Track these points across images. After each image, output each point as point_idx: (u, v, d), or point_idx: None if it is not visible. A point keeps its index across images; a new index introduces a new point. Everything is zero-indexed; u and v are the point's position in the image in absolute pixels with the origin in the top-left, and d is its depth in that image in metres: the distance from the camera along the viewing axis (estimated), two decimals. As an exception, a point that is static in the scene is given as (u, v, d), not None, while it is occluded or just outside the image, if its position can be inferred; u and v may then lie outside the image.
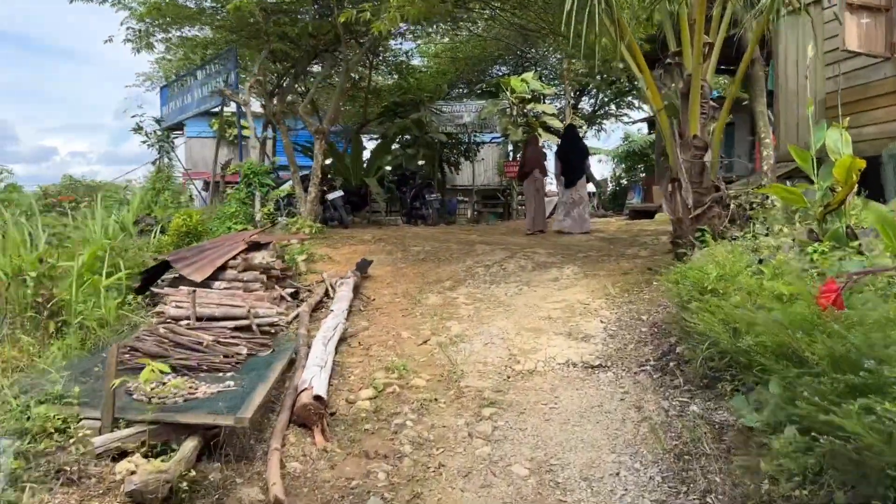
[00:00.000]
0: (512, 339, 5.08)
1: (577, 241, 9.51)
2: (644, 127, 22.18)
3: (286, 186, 11.71)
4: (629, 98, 27.24)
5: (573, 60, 16.12)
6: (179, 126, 24.56)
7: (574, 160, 10.87)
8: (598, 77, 24.90)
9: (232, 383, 4.03)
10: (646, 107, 29.57)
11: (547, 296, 6.11)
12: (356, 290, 6.78)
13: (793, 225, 4.75)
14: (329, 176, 13.41)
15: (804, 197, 4.48)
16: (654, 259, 7.29)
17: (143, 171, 22.59)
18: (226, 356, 4.44)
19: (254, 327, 5.08)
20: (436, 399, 4.23)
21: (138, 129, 14.29)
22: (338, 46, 10.46)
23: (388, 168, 14.67)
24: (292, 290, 6.31)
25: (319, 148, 10.19)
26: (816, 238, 4.14)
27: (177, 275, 5.90)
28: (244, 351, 4.60)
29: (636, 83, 22.11)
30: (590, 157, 11.38)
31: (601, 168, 36.00)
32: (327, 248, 9.67)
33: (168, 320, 4.95)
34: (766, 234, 4.80)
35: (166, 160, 14.82)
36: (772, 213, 5.39)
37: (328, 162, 13.89)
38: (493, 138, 26.83)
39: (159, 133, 14.47)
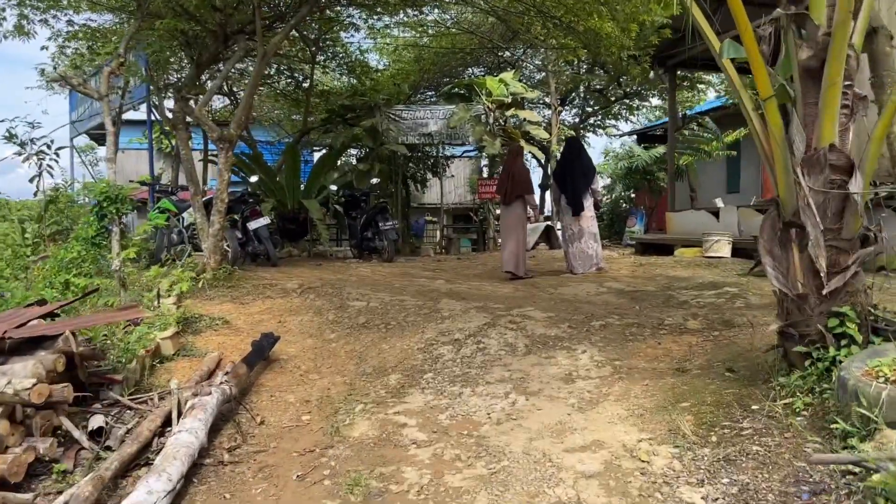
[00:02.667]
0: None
1: (585, 295, 7.03)
2: (630, 140, 19.95)
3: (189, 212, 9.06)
4: (616, 108, 25.27)
5: (562, 61, 13.81)
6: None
7: (578, 181, 8.51)
8: (583, 86, 22.85)
9: None
10: (635, 118, 27.61)
11: (563, 428, 3.57)
12: (236, 401, 4.17)
13: None
14: (252, 198, 10.78)
15: None
16: (719, 341, 4.82)
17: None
18: None
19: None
20: None
21: (10, 137, 11.43)
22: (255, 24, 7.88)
23: (334, 188, 12.05)
24: (104, 419, 3.64)
25: (224, 162, 7.57)
26: None
27: None
28: None
29: (637, 88, 19.95)
30: (598, 176, 8.95)
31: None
32: (230, 304, 7.04)
33: None
34: None
35: (69, 176, 12.07)
36: None
37: (254, 180, 11.25)
38: (466, 152, 24.52)
39: (40, 143, 11.64)
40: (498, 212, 32.53)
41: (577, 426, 3.56)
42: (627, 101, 24.97)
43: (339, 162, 12.69)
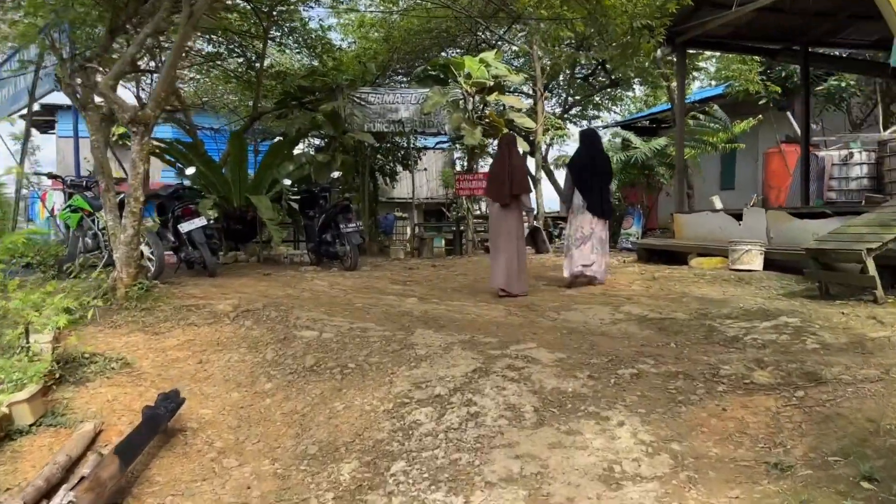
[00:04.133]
0: None
1: (598, 323, 5.63)
2: (623, 132, 18.66)
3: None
4: (598, 98, 24.01)
5: (550, 41, 12.40)
6: (51, 122, 20.06)
7: (605, 180, 7.30)
8: (565, 73, 21.51)
9: None
10: (618, 108, 26.38)
11: None
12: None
13: None
14: (184, 192, 9.20)
15: None
16: (813, 411, 3.46)
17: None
18: None
19: None
20: None
21: None
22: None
23: (288, 182, 10.48)
24: None
25: (139, 150, 6.01)
26: None
27: None
28: None
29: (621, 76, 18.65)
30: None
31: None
32: (140, 335, 5.53)
33: None
34: None
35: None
36: None
37: (190, 172, 9.65)
38: (439, 143, 23.02)
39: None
40: (479, 210, 30.96)
41: None
42: (611, 89, 23.82)
43: (294, 152, 11.12)
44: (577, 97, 23.23)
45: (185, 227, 8.47)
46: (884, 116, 13.06)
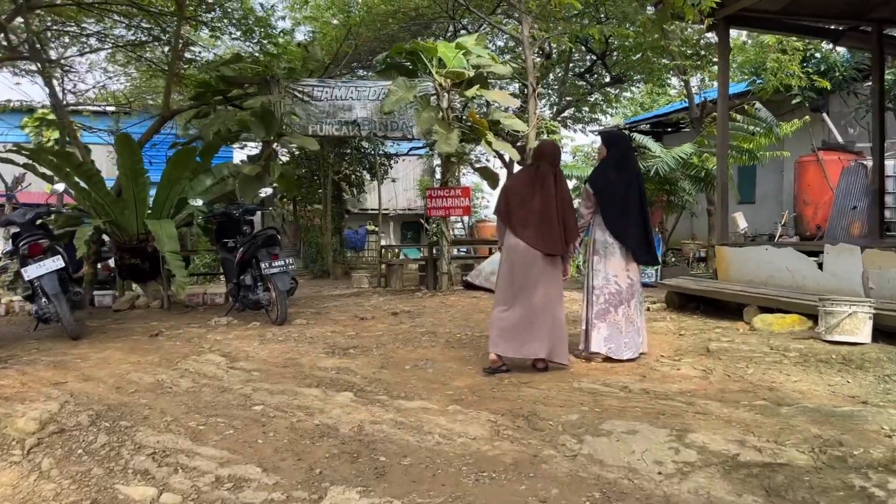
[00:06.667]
0: None
1: (655, 477, 3.30)
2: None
3: None
4: (595, 97, 21.83)
5: (548, 19, 10.16)
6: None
7: (645, 208, 5.17)
8: (561, 68, 19.34)
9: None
10: (613, 111, 24.16)
11: None
12: None
13: None
14: (50, 218, 6.85)
15: None
16: None
17: None
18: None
19: None
20: None
21: None
22: None
23: (199, 202, 8.06)
24: None
25: None
26: None
27: None
28: None
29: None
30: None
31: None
32: None
33: None
34: None
35: None
36: None
37: (58, 189, 7.27)
38: (413, 149, 20.71)
39: None
40: (456, 233, 28.48)
41: None
42: (609, 89, 21.66)
43: (210, 162, 8.75)
44: (570, 98, 21.09)
45: (30, 273, 6.10)
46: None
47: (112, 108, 15.65)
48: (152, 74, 12.87)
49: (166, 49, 11.90)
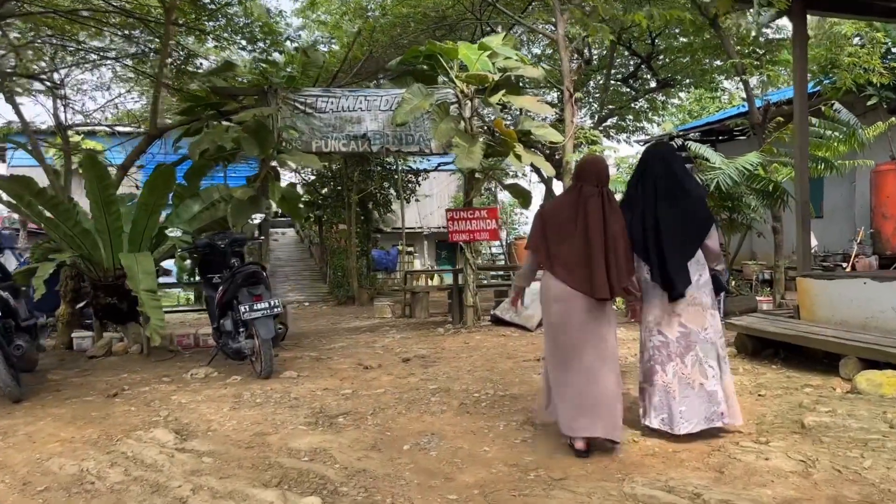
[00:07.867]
0: None
1: None
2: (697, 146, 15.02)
3: None
4: (638, 104, 20.45)
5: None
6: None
7: (689, 231, 3.98)
8: (602, 75, 18.10)
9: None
10: (659, 119, 22.65)
11: None
12: None
13: None
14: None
15: None
16: None
17: None
18: None
19: None
20: None
21: None
22: None
23: (178, 232, 7.01)
24: None
25: None
26: None
27: None
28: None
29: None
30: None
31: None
32: None
33: None
34: None
35: None
36: None
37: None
38: (442, 163, 19.63)
39: None
40: (493, 250, 27.43)
41: None
42: (656, 94, 20.26)
43: (198, 182, 7.78)
44: (612, 105, 19.77)
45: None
46: None
47: (125, 129, 15.00)
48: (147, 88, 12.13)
49: (168, 61, 11.11)
